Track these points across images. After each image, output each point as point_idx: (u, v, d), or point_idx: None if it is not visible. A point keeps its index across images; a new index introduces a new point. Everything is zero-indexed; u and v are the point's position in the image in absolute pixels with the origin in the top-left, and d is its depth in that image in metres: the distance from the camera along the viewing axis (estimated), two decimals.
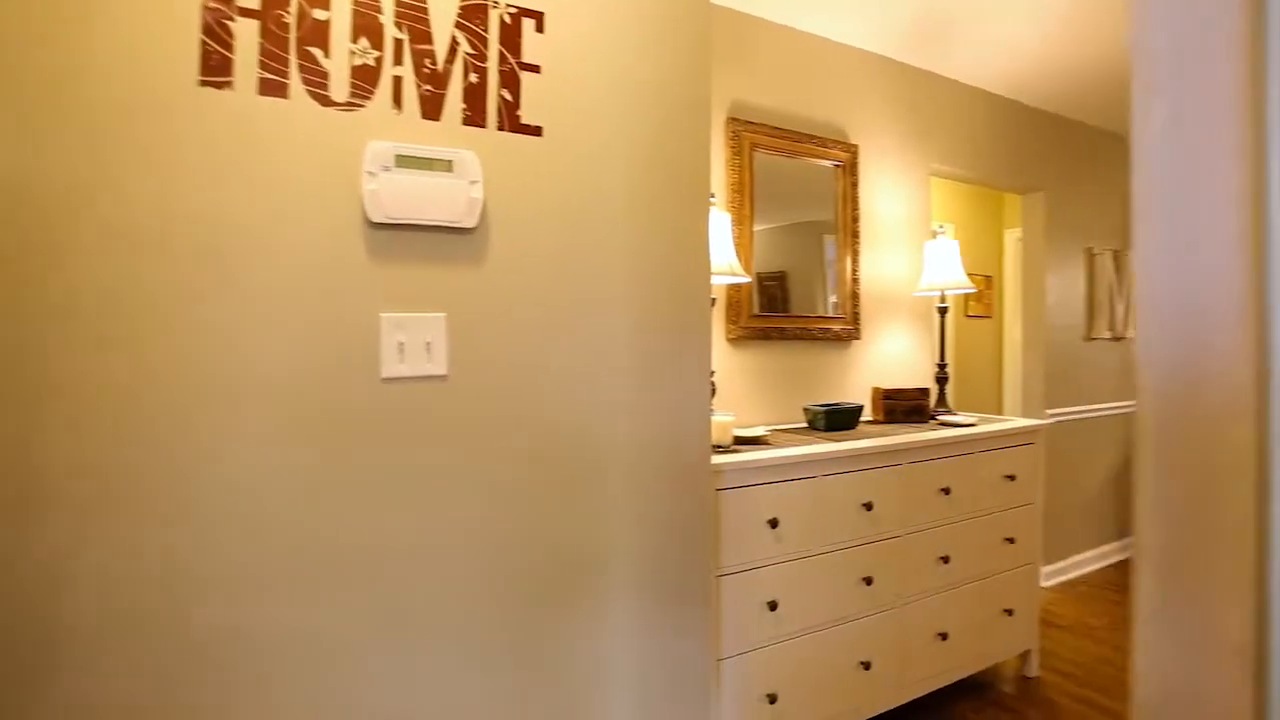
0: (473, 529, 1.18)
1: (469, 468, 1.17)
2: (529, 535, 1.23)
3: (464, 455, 1.17)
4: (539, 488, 1.24)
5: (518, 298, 1.22)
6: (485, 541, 1.19)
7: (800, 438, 2.11)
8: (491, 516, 1.19)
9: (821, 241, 2.59)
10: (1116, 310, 3.90)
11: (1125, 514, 4.00)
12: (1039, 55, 2.84)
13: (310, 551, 1.04)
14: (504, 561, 1.21)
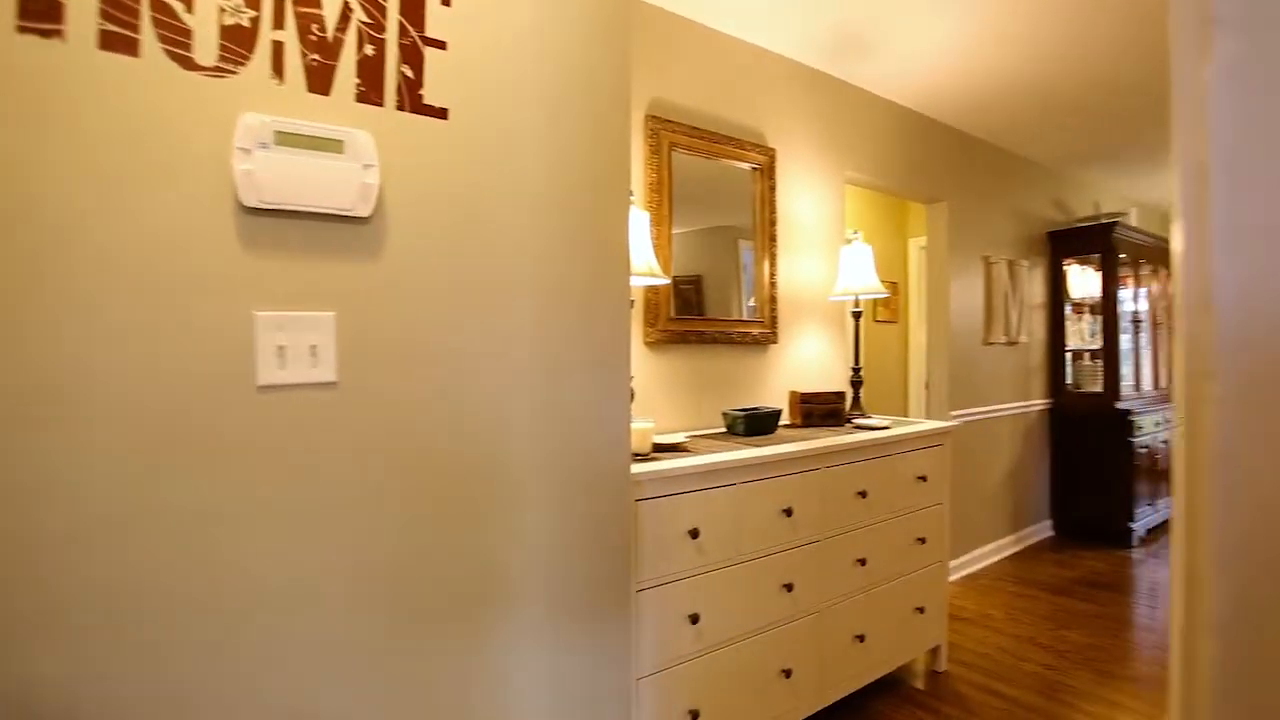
0: (362, 554, 1.05)
1: (360, 484, 1.04)
2: (427, 556, 1.11)
3: (354, 469, 1.04)
4: (440, 504, 1.13)
5: (419, 296, 1.10)
6: (375, 567, 1.06)
7: (720, 443, 2.07)
8: (383, 539, 1.07)
9: (738, 245, 2.58)
10: (1011, 316, 4.13)
11: (1019, 508, 4.23)
12: (946, 73, 2.95)
13: (149, 600, 0.89)
14: (399, 588, 1.08)
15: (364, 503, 1.05)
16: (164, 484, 0.89)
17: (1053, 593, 3.45)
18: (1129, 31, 2.59)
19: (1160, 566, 3.86)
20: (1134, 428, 4.23)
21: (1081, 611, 3.20)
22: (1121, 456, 4.23)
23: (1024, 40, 2.65)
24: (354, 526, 1.04)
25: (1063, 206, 4.72)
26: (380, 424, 1.06)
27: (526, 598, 1.22)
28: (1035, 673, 2.61)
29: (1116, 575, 3.72)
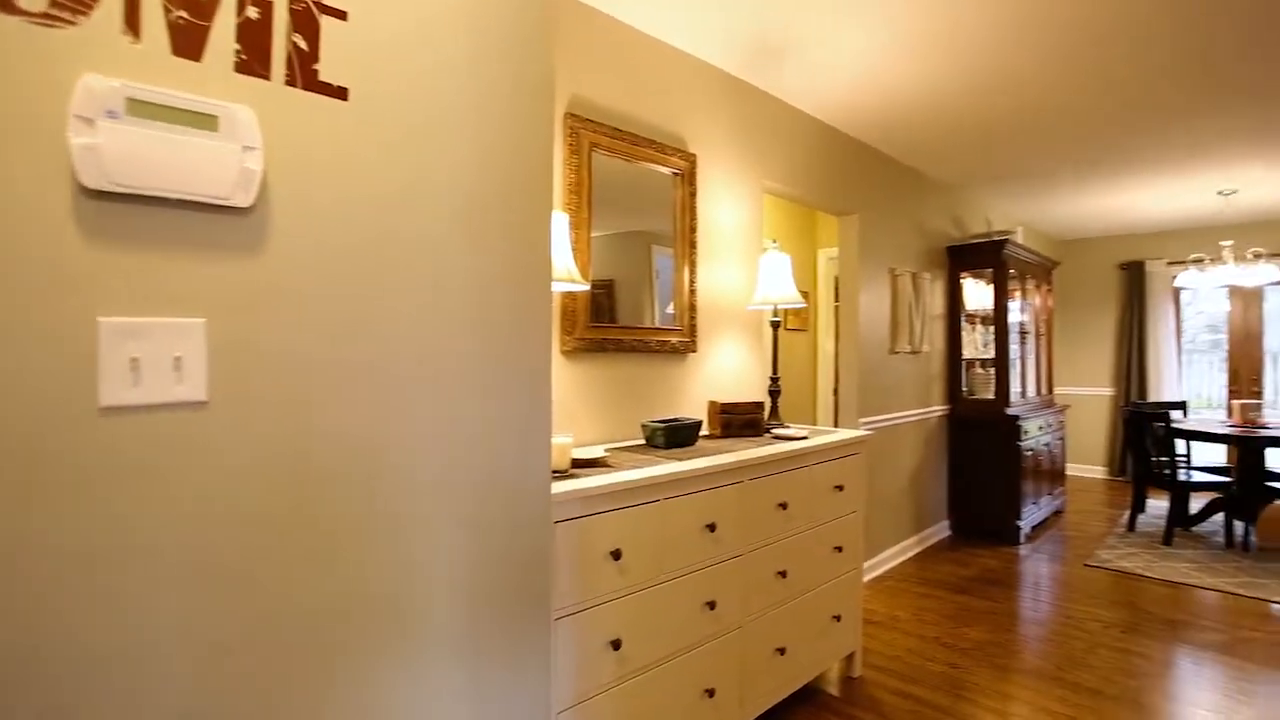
0: (227, 604, 0.89)
1: (232, 519, 0.89)
2: (309, 597, 0.97)
3: (226, 503, 0.88)
4: (330, 537, 0.98)
5: (310, 301, 0.96)
6: (241, 618, 0.91)
7: (641, 456, 1.99)
8: (257, 585, 0.92)
9: (651, 250, 2.52)
10: (915, 326, 4.30)
11: (921, 510, 4.41)
12: (859, 91, 3.02)
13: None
14: (273, 635, 0.93)
15: (233, 543, 0.89)
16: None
17: (953, 591, 3.59)
18: (1028, 65, 2.74)
19: (1043, 561, 4.12)
20: (1022, 432, 4.51)
21: (979, 609, 3.35)
22: (1011, 459, 4.49)
23: (931, 65, 2.75)
24: (222, 573, 0.88)
25: (959, 223, 4.98)
26: (260, 449, 0.91)
27: (437, 635, 1.09)
28: (942, 672, 2.69)
29: (1007, 571, 3.93)
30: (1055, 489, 5.20)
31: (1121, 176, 4.54)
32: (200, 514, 0.86)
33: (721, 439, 2.42)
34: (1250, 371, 6.13)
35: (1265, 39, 2.55)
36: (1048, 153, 4.01)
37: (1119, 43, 2.61)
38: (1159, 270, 6.38)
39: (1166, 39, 2.59)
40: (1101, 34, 2.55)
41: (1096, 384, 6.76)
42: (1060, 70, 2.87)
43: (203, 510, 0.86)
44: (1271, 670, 2.72)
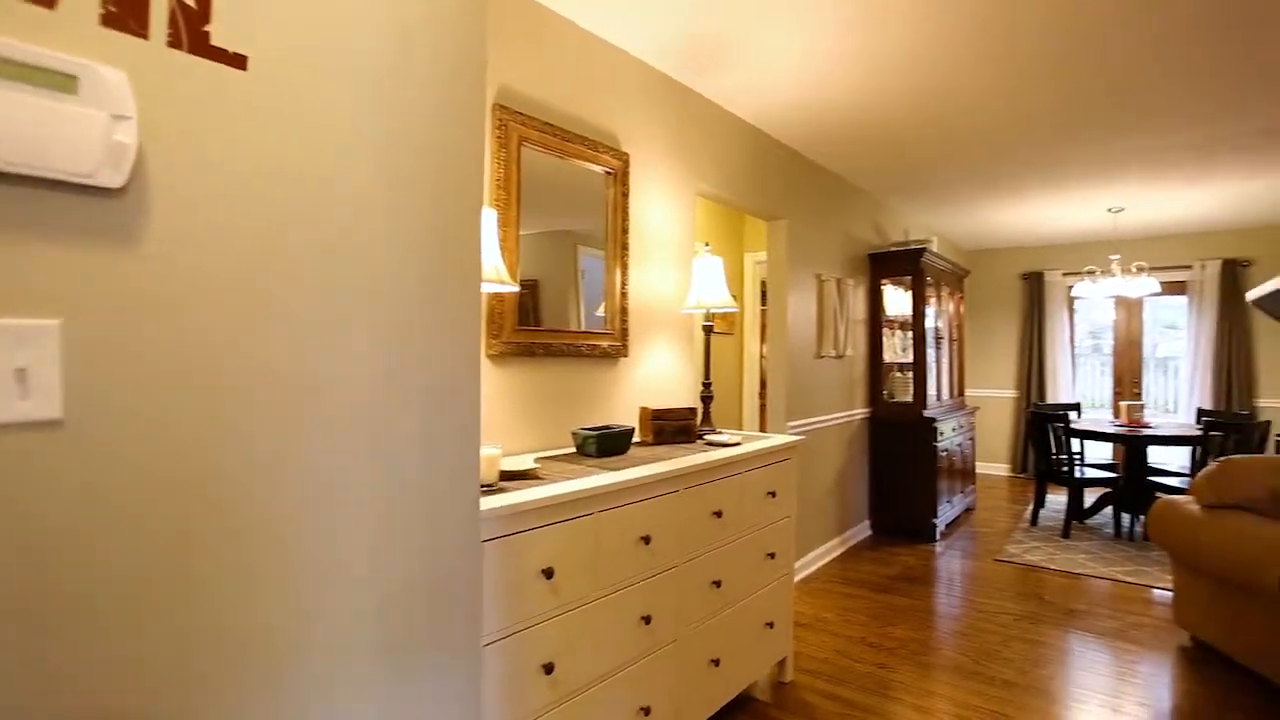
0: (81, 648, 0.75)
1: (92, 563, 0.75)
2: (192, 650, 0.84)
3: (86, 544, 0.74)
4: (214, 582, 0.85)
5: (195, 299, 0.82)
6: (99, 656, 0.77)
7: (572, 467, 1.90)
8: (110, 637, 0.78)
9: (576, 251, 2.44)
10: (839, 331, 4.39)
11: (844, 511, 4.51)
12: (789, 96, 3.04)
13: None
14: (164, 682, 0.80)
15: (107, 580, 0.75)
16: None
17: (876, 590, 3.67)
18: (943, 85, 2.83)
19: (957, 557, 4.29)
20: (938, 434, 4.68)
21: (901, 607, 3.43)
22: (928, 460, 4.66)
23: (857, 78, 2.79)
24: (73, 632, 0.74)
25: (880, 231, 5.14)
26: (128, 474, 0.77)
27: (352, 674, 0.97)
28: (869, 672, 2.72)
29: (925, 569, 4.07)
30: (966, 487, 5.44)
31: (1025, 192, 4.80)
32: (51, 562, 0.71)
33: (654, 446, 2.36)
34: (1132, 375, 6.64)
35: (1159, 75, 2.73)
36: (961, 167, 4.19)
37: (1027, 70, 2.74)
38: (1056, 280, 6.81)
39: (1072, 70, 2.74)
40: (1011, 61, 2.68)
41: (1001, 386, 7.15)
42: (972, 91, 2.99)
43: (57, 557, 0.71)
44: (1156, 653, 2.90)
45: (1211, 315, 6.05)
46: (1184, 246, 6.23)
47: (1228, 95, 3.07)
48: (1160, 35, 2.51)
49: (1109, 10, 2.32)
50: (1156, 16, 2.36)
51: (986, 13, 2.33)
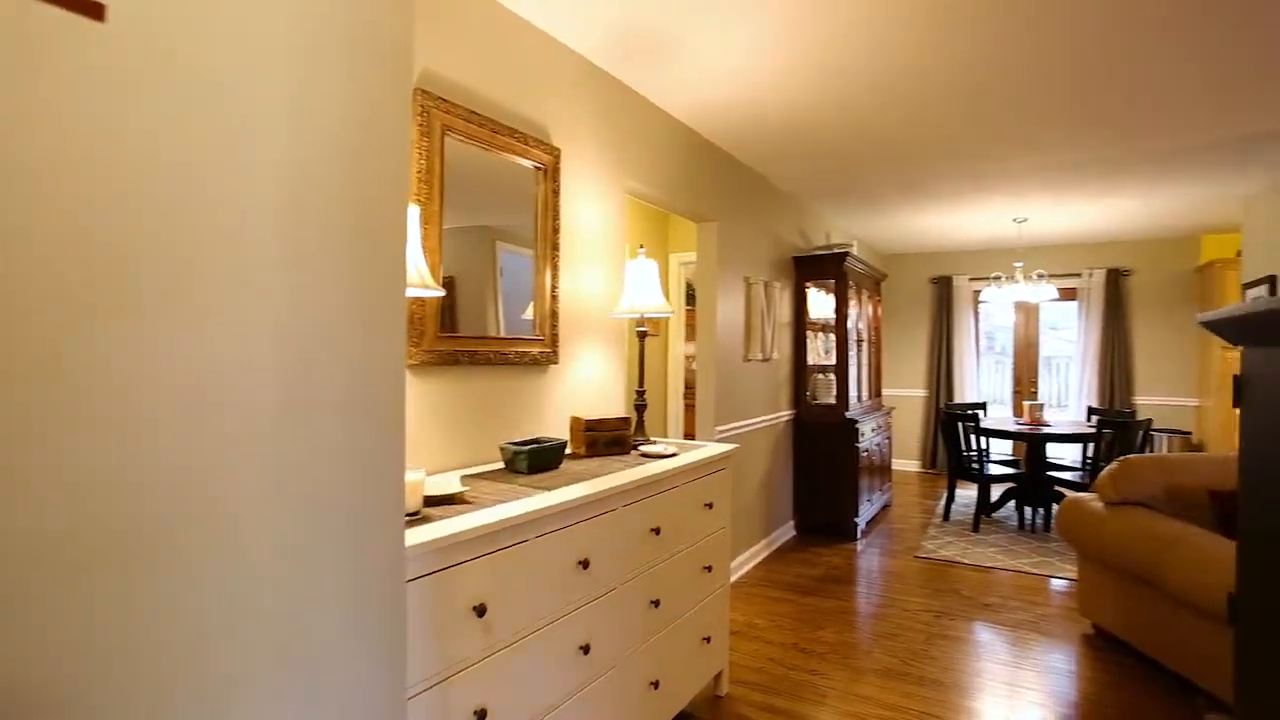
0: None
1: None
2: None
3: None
4: (71, 631, 0.67)
5: (45, 304, 0.64)
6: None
7: (502, 486, 1.76)
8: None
9: (495, 248, 2.28)
10: (766, 334, 4.40)
11: (770, 514, 4.53)
12: (720, 96, 2.98)
13: None
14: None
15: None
16: None
17: (804, 593, 3.69)
18: (864, 95, 2.84)
19: (879, 555, 4.39)
20: (859, 435, 4.78)
21: (829, 609, 3.46)
22: (850, 460, 4.75)
23: (786, 83, 2.76)
24: None
25: (804, 235, 5.20)
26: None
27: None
28: (803, 680, 2.71)
29: (849, 568, 4.14)
30: (884, 484, 5.61)
31: (938, 201, 4.98)
32: None
33: (587, 459, 2.24)
34: (1029, 374, 7.06)
35: (1056, 102, 2.84)
36: (884, 175, 4.28)
37: (942, 87, 2.84)
38: (963, 285, 7.15)
39: (985, 95, 2.88)
40: (934, 81, 2.78)
41: (912, 386, 7.44)
42: (899, 105, 3.07)
43: None
44: (1063, 642, 3.04)
45: (1098, 319, 6.51)
46: (1076, 256, 6.67)
47: (1117, 122, 3.26)
48: (1054, 67, 2.67)
49: (1012, 43, 2.40)
50: (1051, 51, 2.46)
51: (913, 35, 2.34)
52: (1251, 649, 1.13)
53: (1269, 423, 1.06)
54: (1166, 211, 5.26)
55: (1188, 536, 2.63)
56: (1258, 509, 1.10)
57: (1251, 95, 2.98)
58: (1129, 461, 3.04)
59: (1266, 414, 1.06)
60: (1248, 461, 1.12)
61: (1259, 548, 1.10)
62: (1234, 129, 3.45)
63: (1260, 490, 1.09)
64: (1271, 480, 1.05)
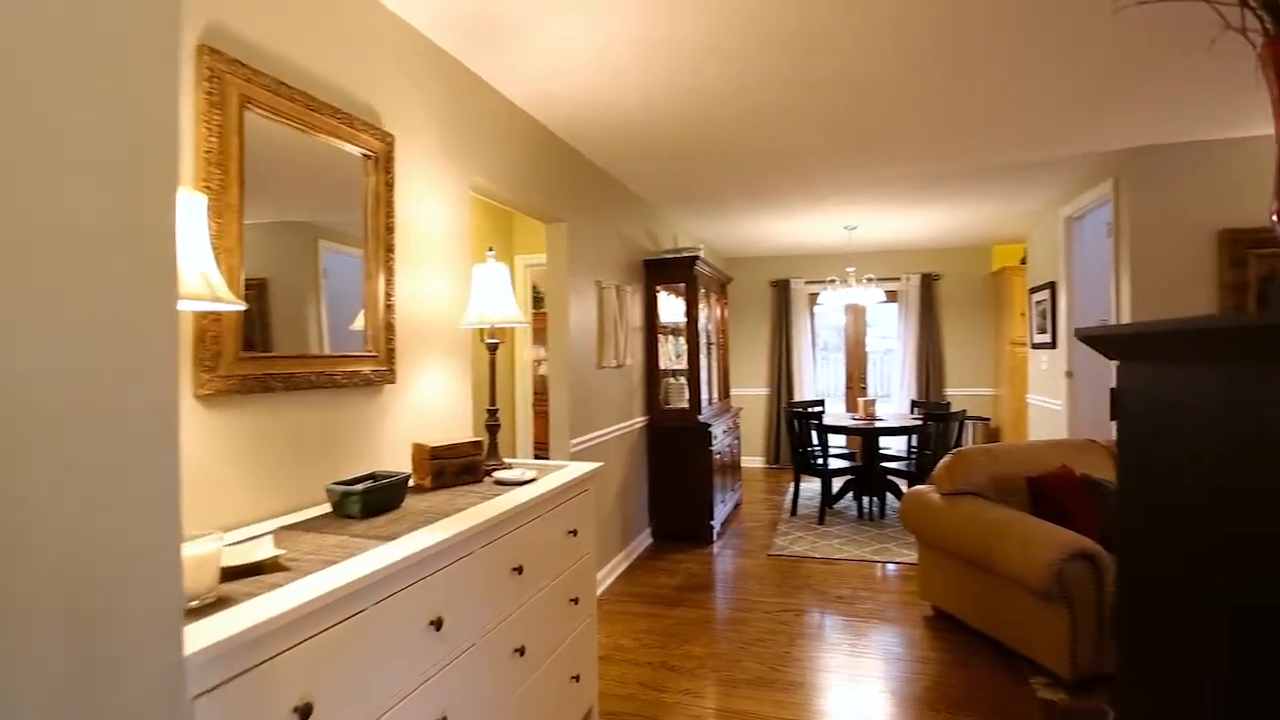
0: None
1: None
2: None
3: None
4: None
5: None
6: None
7: (331, 539, 1.44)
8: None
9: (317, 248, 1.94)
10: (619, 339, 4.27)
11: (628, 524, 4.41)
12: (570, 88, 2.79)
13: None
14: None
15: None
16: None
17: (667, 605, 3.60)
18: (705, 103, 2.81)
19: (735, 557, 4.43)
20: (711, 438, 4.82)
21: (694, 620, 3.39)
22: (703, 464, 4.77)
23: (635, 82, 2.65)
24: None
25: (654, 237, 5.16)
26: None
27: None
28: (676, 702, 2.59)
29: (708, 573, 4.13)
30: (735, 484, 5.72)
31: (777, 207, 5.16)
32: None
33: (434, 492, 1.95)
34: (859, 371, 7.61)
35: (883, 121, 3.00)
36: (730, 180, 4.33)
37: (778, 101, 2.91)
38: (800, 288, 7.55)
39: (818, 111, 2.96)
40: (765, 91, 2.85)
41: (755, 385, 7.74)
42: (732, 113, 3.10)
43: None
44: (907, 626, 3.21)
45: (915, 320, 7.16)
46: (897, 261, 7.28)
47: (934, 141, 3.54)
48: (875, 89, 2.85)
49: (839, 67, 2.50)
50: (875, 76, 2.57)
51: (751, 47, 2.32)
52: (1130, 653, 1.14)
53: (1145, 432, 1.07)
54: (967, 224, 5.87)
55: (1014, 522, 2.85)
56: (1133, 511, 1.11)
57: (1034, 130, 3.39)
58: (961, 454, 3.27)
59: (1143, 424, 1.07)
60: (1125, 469, 1.13)
61: (1134, 551, 1.11)
62: (1020, 156, 3.88)
63: (1135, 495, 1.10)
64: (1146, 486, 1.06)
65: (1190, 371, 0.92)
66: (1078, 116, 3.27)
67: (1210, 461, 0.87)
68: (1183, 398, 0.94)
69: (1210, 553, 0.87)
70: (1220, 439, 0.85)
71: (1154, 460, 1.03)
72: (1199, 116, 3.31)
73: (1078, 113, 3.21)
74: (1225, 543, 0.83)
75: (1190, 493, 0.92)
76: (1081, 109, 3.17)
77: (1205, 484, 0.88)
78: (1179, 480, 0.95)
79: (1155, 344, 1.02)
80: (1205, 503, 0.88)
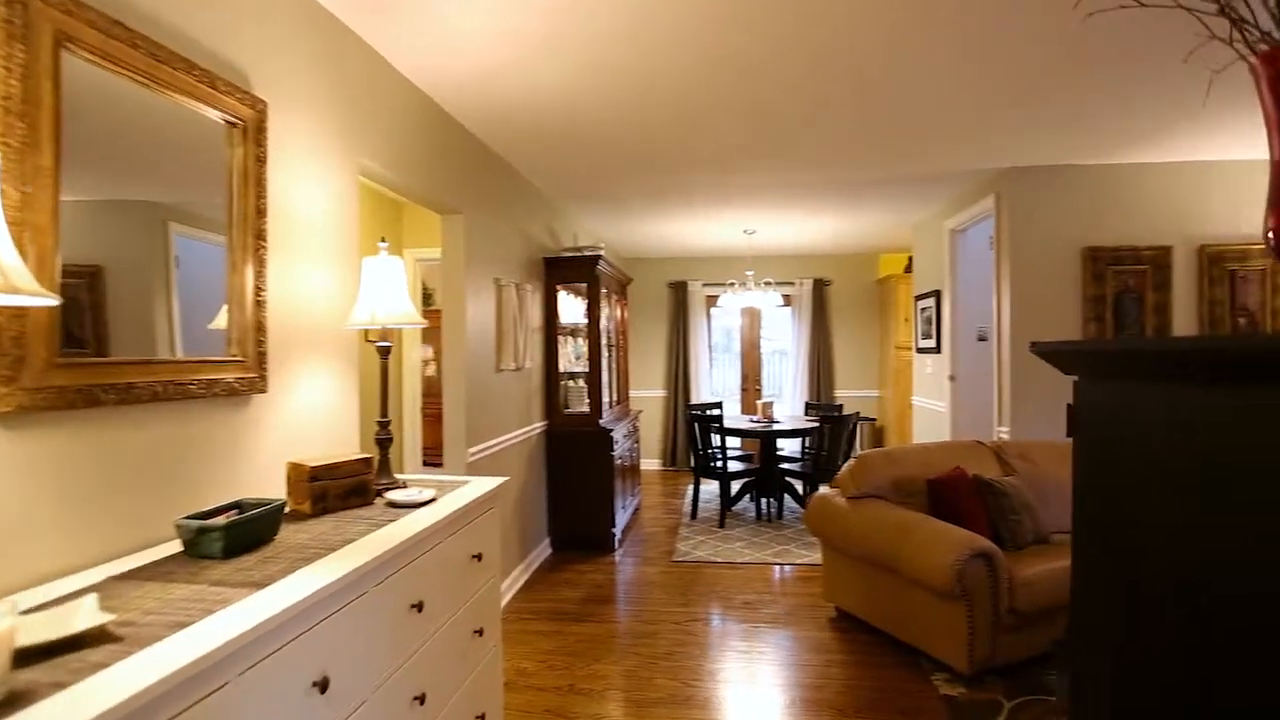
0: None
1: None
2: None
3: None
4: None
5: None
6: None
7: (179, 591, 1.16)
8: None
9: (182, 232, 1.63)
10: (519, 341, 4.04)
11: (527, 535, 4.19)
12: (470, 66, 2.55)
13: None
14: None
15: None
16: None
17: (571, 621, 3.42)
18: (638, 97, 2.68)
19: (638, 565, 4.32)
20: (613, 443, 4.68)
21: (600, 636, 3.23)
22: (605, 470, 4.62)
23: (541, 65, 2.46)
24: None
25: (554, 235, 4.95)
26: None
27: None
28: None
29: (611, 584, 3.98)
30: (635, 488, 5.62)
31: (681, 207, 5.11)
32: None
33: (315, 518, 1.68)
34: (754, 372, 7.75)
35: (797, 125, 3.00)
36: (626, 177, 4.21)
37: (682, 102, 2.87)
38: (698, 290, 7.58)
39: (724, 114, 2.94)
40: (669, 89, 2.78)
41: (653, 387, 7.69)
42: (646, 104, 2.98)
43: None
44: (814, 629, 3.23)
45: (807, 323, 7.38)
46: (792, 266, 7.47)
47: (840, 148, 3.59)
48: (790, 92, 2.85)
49: (759, 65, 2.43)
50: (788, 79, 2.53)
51: (655, 41, 2.21)
52: (1086, 671, 1.11)
53: (1102, 448, 1.05)
54: (858, 232, 6.10)
55: (917, 524, 2.91)
56: (1089, 527, 1.09)
57: (931, 144, 3.53)
58: (864, 458, 3.32)
59: (1101, 441, 1.05)
60: (1084, 479, 1.11)
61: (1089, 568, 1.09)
62: (916, 169, 4.03)
63: (1091, 507, 1.09)
64: (1103, 500, 1.05)
65: (1156, 389, 0.91)
66: (970, 135, 3.42)
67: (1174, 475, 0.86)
68: (1144, 414, 0.92)
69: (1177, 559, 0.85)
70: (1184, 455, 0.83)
71: (1114, 472, 1.01)
72: (1072, 143, 3.56)
73: (970, 132, 3.36)
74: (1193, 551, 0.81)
75: (1153, 504, 0.91)
76: (973, 129, 3.32)
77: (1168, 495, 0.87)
78: (1142, 491, 0.94)
79: (1118, 362, 1.00)
80: (1168, 513, 0.87)
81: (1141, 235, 3.97)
